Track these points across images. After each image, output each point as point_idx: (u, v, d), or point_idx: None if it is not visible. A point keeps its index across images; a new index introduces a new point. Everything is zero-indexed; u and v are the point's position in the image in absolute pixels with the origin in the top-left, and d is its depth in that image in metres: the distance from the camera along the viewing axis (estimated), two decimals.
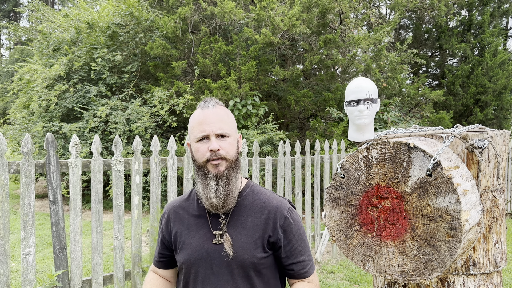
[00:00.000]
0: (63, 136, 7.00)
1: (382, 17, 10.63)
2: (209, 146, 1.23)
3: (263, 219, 1.30)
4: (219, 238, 1.27)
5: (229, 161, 1.26)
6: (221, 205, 1.25)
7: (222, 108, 1.31)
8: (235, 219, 1.30)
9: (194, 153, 1.29)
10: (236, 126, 1.37)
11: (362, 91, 1.82)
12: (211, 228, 1.30)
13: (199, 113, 1.28)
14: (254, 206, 1.33)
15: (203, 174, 1.26)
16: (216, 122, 1.25)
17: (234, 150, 1.28)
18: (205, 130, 1.24)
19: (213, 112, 1.26)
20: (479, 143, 1.64)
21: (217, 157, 1.23)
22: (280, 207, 1.33)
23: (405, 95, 8.34)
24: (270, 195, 1.37)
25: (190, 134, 1.30)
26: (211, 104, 1.29)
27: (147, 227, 5.54)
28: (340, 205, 1.81)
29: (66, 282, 2.73)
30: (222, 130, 1.25)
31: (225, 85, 6.68)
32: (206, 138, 1.25)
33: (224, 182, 1.24)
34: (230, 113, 1.34)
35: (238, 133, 1.39)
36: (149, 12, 7.67)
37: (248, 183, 1.40)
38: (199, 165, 1.27)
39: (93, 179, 2.85)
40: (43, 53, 8.28)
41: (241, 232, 1.28)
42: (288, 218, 1.32)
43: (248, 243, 1.27)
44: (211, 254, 1.27)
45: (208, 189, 1.24)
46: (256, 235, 1.28)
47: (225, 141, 1.25)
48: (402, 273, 1.60)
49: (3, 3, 31.18)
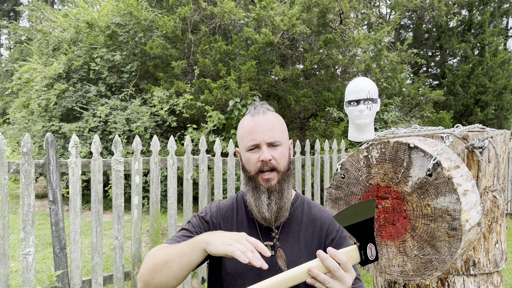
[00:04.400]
0: (62, 136, 7.00)
1: (382, 17, 10.63)
2: (260, 156, 1.18)
3: (316, 232, 1.26)
4: (269, 250, 1.20)
5: (281, 173, 1.21)
6: (274, 218, 1.21)
7: (273, 114, 1.25)
8: (286, 231, 1.25)
9: (244, 163, 1.23)
10: (287, 132, 1.31)
11: (362, 91, 1.82)
12: (261, 238, 1.24)
13: (249, 121, 1.22)
14: (305, 219, 1.28)
15: (254, 186, 1.21)
16: (267, 131, 1.19)
17: (286, 159, 1.23)
18: (255, 138, 1.19)
19: (263, 119, 1.20)
20: (480, 143, 1.63)
21: (268, 167, 1.18)
22: (334, 221, 1.28)
23: (405, 95, 8.34)
24: (320, 207, 1.33)
25: (240, 143, 1.25)
26: (261, 111, 1.22)
27: (146, 227, 5.54)
28: (340, 205, 1.80)
29: (66, 282, 2.72)
30: (274, 139, 1.19)
31: (225, 85, 6.67)
32: (257, 147, 1.20)
33: (277, 196, 1.20)
34: (281, 119, 1.28)
35: (290, 140, 1.32)
36: (148, 11, 7.67)
37: (297, 194, 1.35)
38: (250, 176, 1.22)
39: (92, 179, 2.85)
40: (42, 53, 8.27)
41: (293, 245, 1.24)
42: (340, 232, 1.28)
43: (301, 257, 1.22)
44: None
45: (260, 203, 1.20)
46: (310, 251, 1.24)
47: (276, 150, 1.20)
48: (402, 273, 1.60)
49: (3, 3, 31.17)
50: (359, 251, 1.00)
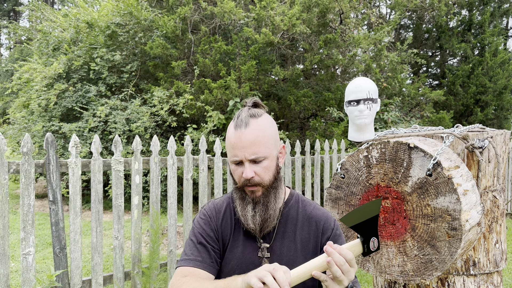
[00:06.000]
0: (62, 136, 7.00)
1: (382, 17, 10.63)
2: (243, 171, 1.16)
3: (312, 231, 1.26)
4: (266, 252, 1.23)
5: (266, 186, 1.19)
6: (259, 229, 1.21)
7: (257, 123, 1.17)
8: (281, 231, 1.26)
9: (232, 172, 1.23)
10: (277, 137, 1.24)
11: (362, 91, 1.82)
12: (258, 239, 1.25)
13: (231, 133, 1.18)
14: (300, 217, 1.28)
15: (241, 196, 1.22)
16: (248, 147, 1.14)
17: (271, 172, 1.19)
18: (237, 155, 1.16)
19: (246, 133, 1.14)
20: (480, 143, 1.63)
21: (251, 184, 1.17)
22: (328, 219, 1.28)
23: (405, 95, 8.34)
24: (315, 205, 1.33)
25: (227, 151, 1.23)
26: (244, 122, 1.15)
27: (146, 227, 5.53)
28: (340, 205, 1.80)
29: (66, 282, 2.72)
30: (256, 155, 1.15)
31: (225, 85, 6.67)
32: (240, 163, 1.18)
33: (261, 208, 1.19)
34: (269, 126, 1.20)
35: (281, 144, 1.27)
36: (148, 11, 7.67)
37: (292, 192, 1.35)
38: (237, 187, 1.23)
39: (92, 179, 2.85)
40: (42, 53, 8.27)
41: (289, 245, 1.24)
42: (335, 229, 1.28)
43: (297, 256, 1.23)
44: (257, 267, 1.19)
45: (245, 213, 1.20)
46: (306, 250, 1.24)
47: (260, 165, 1.16)
48: (402, 273, 1.60)
49: (3, 3, 31.17)
50: (362, 245, 1.05)
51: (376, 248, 1.07)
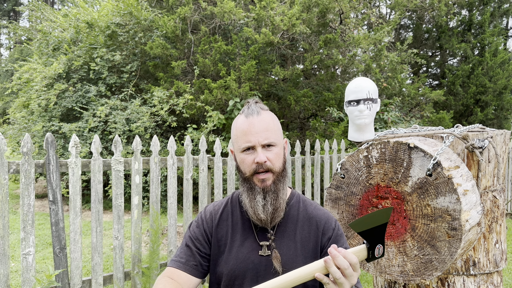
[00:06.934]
0: (62, 136, 7.00)
1: (382, 17, 10.63)
2: (255, 157, 1.17)
3: (313, 231, 1.26)
4: (266, 250, 1.22)
5: (276, 173, 1.20)
6: (269, 220, 1.20)
7: (267, 113, 1.23)
8: (282, 230, 1.25)
9: (239, 163, 1.23)
10: (282, 131, 1.29)
11: (362, 91, 1.82)
12: (257, 238, 1.24)
13: (243, 121, 1.20)
14: (300, 217, 1.28)
15: (249, 187, 1.21)
16: (261, 132, 1.17)
17: (281, 160, 1.22)
18: (250, 140, 1.17)
19: (258, 120, 1.18)
20: (480, 143, 1.63)
21: (263, 169, 1.17)
22: (329, 219, 1.28)
23: (405, 95, 8.34)
24: (316, 205, 1.33)
25: (234, 143, 1.24)
26: (255, 110, 1.20)
27: (146, 227, 5.53)
28: (340, 205, 1.80)
29: (66, 282, 2.72)
30: (269, 140, 1.18)
31: (225, 85, 6.67)
32: (251, 149, 1.18)
33: (272, 197, 1.19)
34: (275, 118, 1.26)
35: (284, 138, 1.31)
36: (148, 11, 7.67)
37: (293, 192, 1.35)
38: (245, 177, 1.21)
39: (92, 179, 2.85)
40: (42, 53, 8.27)
41: (289, 244, 1.23)
42: (336, 229, 1.28)
43: (297, 256, 1.22)
44: (257, 266, 1.21)
45: (255, 204, 1.19)
46: (306, 249, 1.24)
47: (271, 151, 1.19)
48: (402, 273, 1.60)
49: (3, 3, 31.17)
50: (368, 251, 1.04)
51: (381, 255, 1.06)
